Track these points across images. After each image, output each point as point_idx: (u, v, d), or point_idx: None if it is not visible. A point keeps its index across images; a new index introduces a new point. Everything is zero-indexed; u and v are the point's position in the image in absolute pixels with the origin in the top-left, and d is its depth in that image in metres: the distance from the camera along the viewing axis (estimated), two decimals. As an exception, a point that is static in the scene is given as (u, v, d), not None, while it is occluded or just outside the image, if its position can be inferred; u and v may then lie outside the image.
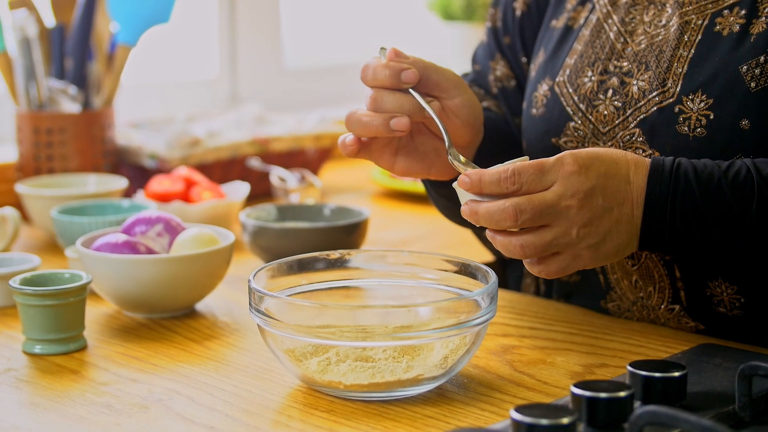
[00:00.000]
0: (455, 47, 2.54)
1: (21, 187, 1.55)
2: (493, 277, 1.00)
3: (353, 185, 1.97)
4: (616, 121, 1.12)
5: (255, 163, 1.80)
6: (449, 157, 1.05)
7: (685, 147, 1.07)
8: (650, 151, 1.09)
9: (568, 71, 1.16)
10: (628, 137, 1.11)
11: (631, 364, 0.90)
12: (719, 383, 0.94)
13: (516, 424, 0.80)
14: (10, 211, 1.42)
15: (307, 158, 1.90)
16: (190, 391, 1.00)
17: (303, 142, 1.88)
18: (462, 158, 1.05)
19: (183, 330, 1.17)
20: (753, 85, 1.05)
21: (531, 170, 0.97)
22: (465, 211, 0.99)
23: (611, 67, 1.14)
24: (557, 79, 1.17)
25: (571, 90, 1.16)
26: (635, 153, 1.07)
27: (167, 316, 1.21)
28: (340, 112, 2.31)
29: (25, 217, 1.63)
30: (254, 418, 0.94)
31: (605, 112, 1.13)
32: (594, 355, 1.08)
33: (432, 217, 1.77)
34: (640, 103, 1.10)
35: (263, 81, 2.32)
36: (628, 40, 1.14)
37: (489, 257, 1.49)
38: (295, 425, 0.93)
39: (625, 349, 1.09)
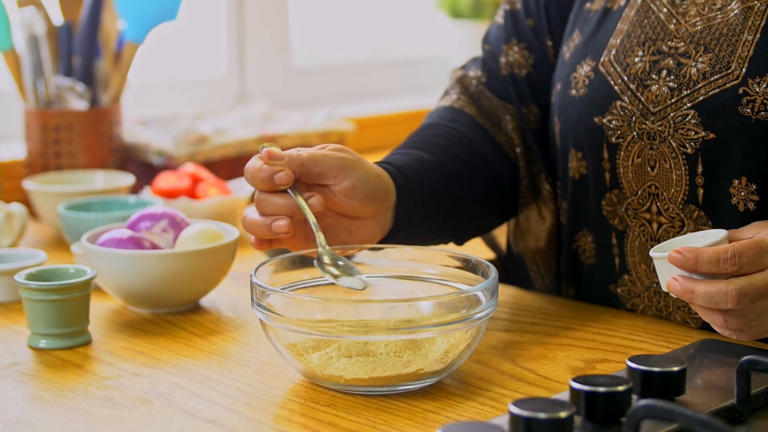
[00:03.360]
0: (463, 45, 2.55)
1: (29, 184, 1.56)
2: (493, 272, 1.01)
3: (360, 182, 1.97)
4: (669, 102, 1.12)
5: (262, 160, 1.80)
6: (315, 263, 1.03)
7: (746, 130, 1.08)
8: (703, 134, 1.10)
9: (614, 51, 1.16)
10: (680, 118, 1.11)
11: (630, 359, 0.91)
12: (719, 378, 0.94)
13: (514, 417, 0.80)
14: (17, 208, 1.43)
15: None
16: (193, 385, 1.00)
17: (310, 140, 1.89)
18: (332, 269, 1.03)
19: (187, 325, 1.18)
20: None
21: (751, 251, 0.97)
22: (676, 287, 0.99)
23: (665, 48, 1.14)
24: (602, 59, 1.17)
25: (619, 69, 1.16)
26: (686, 134, 1.09)
27: (172, 312, 1.21)
28: (347, 109, 2.32)
29: (32, 214, 1.64)
30: (256, 411, 0.95)
31: (658, 93, 1.13)
32: (595, 350, 1.08)
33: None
34: (699, 85, 1.10)
35: (271, 79, 2.32)
36: (681, 20, 1.14)
37: (490, 253, 1.49)
38: (297, 419, 0.93)
39: (626, 344, 1.10)
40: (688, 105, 1.11)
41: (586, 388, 0.85)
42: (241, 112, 1.98)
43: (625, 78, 1.15)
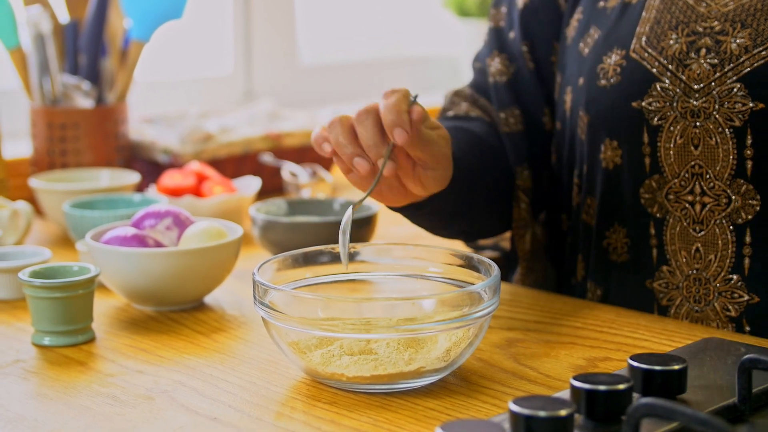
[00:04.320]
0: (470, 44, 2.55)
1: (34, 182, 1.57)
2: (495, 270, 1.01)
3: (366, 181, 1.98)
4: (712, 77, 1.13)
5: (267, 158, 1.81)
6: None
7: None
8: (752, 104, 1.11)
9: (644, 38, 1.18)
10: (726, 92, 1.13)
11: (631, 358, 0.91)
12: (720, 377, 0.94)
13: (514, 416, 0.81)
14: (22, 205, 1.44)
15: (319, 154, 1.90)
16: (195, 382, 1.01)
17: (315, 138, 1.89)
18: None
19: (191, 323, 1.18)
20: None
21: None
22: None
23: (699, 28, 1.16)
24: (632, 47, 1.19)
25: (654, 53, 1.17)
26: (732, 107, 1.12)
27: (176, 309, 1.22)
28: (353, 108, 2.32)
29: (38, 211, 1.65)
30: (258, 409, 0.95)
31: (699, 70, 1.14)
32: (598, 348, 1.08)
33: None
34: (743, 58, 1.12)
35: (278, 77, 2.33)
36: (711, 3, 1.17)
37: (493, 253, 1.49)
38: (298, 416, 0.93)
39: (629, 342, 1.10)
40: (734, 78, 1.13)
41: (586, 386, 0.85)
42: (247, 111, 1.98)
43: (663, 60, 1.16)
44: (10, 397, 0.99)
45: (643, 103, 1.17)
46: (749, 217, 1.13)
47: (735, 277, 1.14)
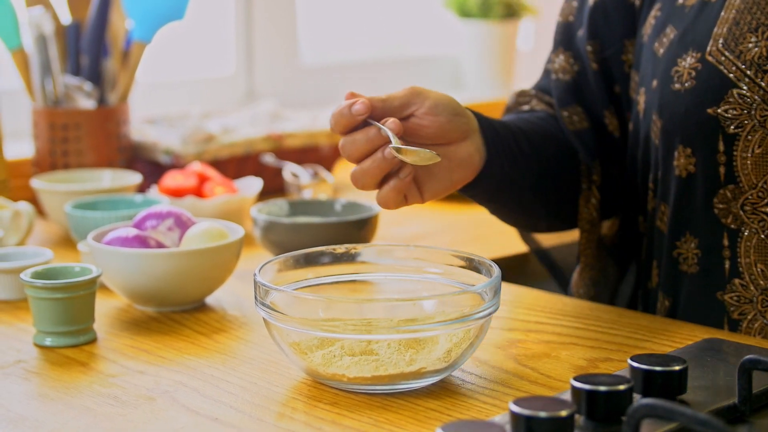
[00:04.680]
0: (471, 45, 2.55)
1: (36, 182, 1.57)
2: (496, 271, 1.01)
3: (367, 181, 1.98)
4: None
5: (269, 159, 1.81)
6: (390, 151, 1.03)
7: None
8: None
9: (721, 40, 1.13)
10: None
11: (632, 358, 0.91)
12: (721, 378, 0.94)
13: (515, 416, 0.81)
14: (24, 206, 1.44)
15: (321, 154, 1.91)
16: (196, 383, 1.01)
17: (317, 139, 1.89)
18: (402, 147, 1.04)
19: (192, 323, 1.18)
20: None
21: None
22: None
23: None
24: (708, 49, 1.14)
25: (731, 57, 1.12)
26: None
27: (177, 310, 1.22)
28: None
29: (40, 212, 1.65)
30: (259, 410, 0.95)
31: None
32: (599, 349, 1.08)
33: (443, 213, 1.78)
34: None
35: (279, 78, 2.33)
36: None
37: (494, 254, 1.49)
38: (299, 417, 0.93)
39: (630, 343, 1.10)
40: None
41: (587, 386, 0.85)
42: (249, 111, 1.99)
43: (741, 65, 1.11)
44: (12, 397, 0.99)
45: (719, 110, 1.12)
46: None
47: None
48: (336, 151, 1.93)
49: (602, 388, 0.84)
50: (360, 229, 1.38)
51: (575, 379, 0.86)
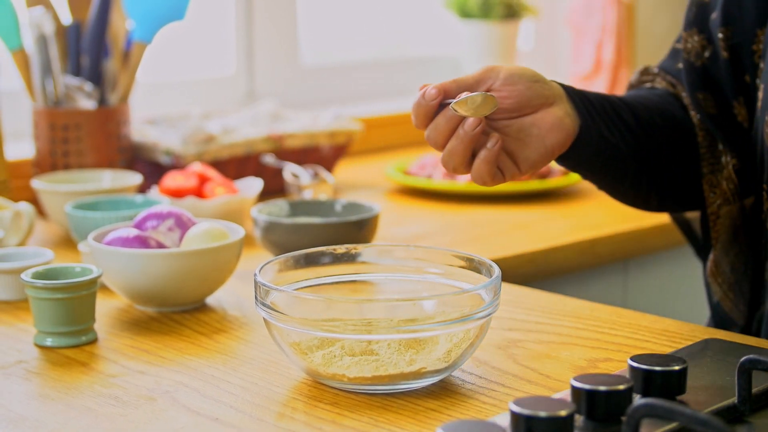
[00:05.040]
0: (472, 45, 2.55)
1: (37, 183, 1.57)
2: (496, 271, 1.01)
3: (367, 182, 1.98)
4: None
5: (269, 159, 1.81)
6: (450, 108, 1.04)
7: None
8: None
9: None
10: None
11: (632, 358, 0.91)
12: (720, 377, 0.95)
13: (515, 416, 0.81)
14: (25, 206, 1.44)
15: (321, 155, 1.91)
16: (197, 383, 1.01)
17: (317, 139, 1.89)
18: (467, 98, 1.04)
19: (192, 324, 1.18)
20: None
21: None
22: None
23: None
24: None
25: None
26: None
27: (178, 310, 1.22)
28: (355, 109, 2.32)
29: (40, 213, 1.65)
30: (259, 410, 0.95)
31: None
32: (599, 349, 1.08)
33: (444, 213, 1.78)
34: None
35: (279, 78, 2.33)
36: None
37: (494, 254, 1.50)
38: (300, 417, 0.94)
39: (630, 343, 1.10)
40: None
41: (586, 386, 0.85)
42: (249, 112, 1.99)
43: None
44: (12, 397, 0.99)
45: None
46: None
47: None
48: (336, 152, 1.93)
49: (602, 388, 0.85)
50: (360, 229, 1.39)
51: (575, 379, 0.86)
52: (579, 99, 1.13)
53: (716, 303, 1.26)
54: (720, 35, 1.21)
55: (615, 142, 1.16)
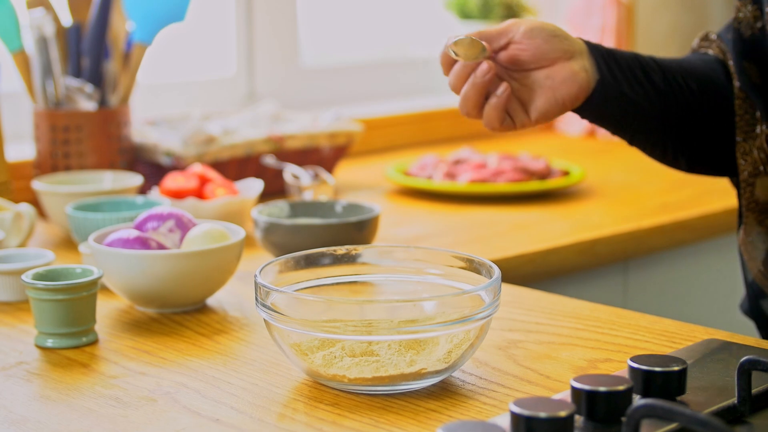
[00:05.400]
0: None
1: (38, 184, 1.57)
2: (496, 272, 1.01)
3: (367, 183, 1.99)
4: None
5: (270, 160, 1.81)
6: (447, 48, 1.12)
7: None
8: None
9: None
10: None
11: (631, 359, 0.91)
12: (720, 378, 0.95)
13: (515, 417, 0.81)
14: (26, 208, 1.44)
15: (322, 156, 1.91)
16: (198, 384, 1.01)
17: (318, 140, 1.89)
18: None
19: (193, 324, 1.18)
20: None
21: None
22: None
23: None
24: None
25: None
26: None
27: (178, 311, 1.22)
28: (355, 110, 2.33)
29: (41, 214, 1.65)
30: (260, 410, 0.95)
31: None
32: (599, 350, 1.08)
33: (444, 214, 1.78)
34: None
35: (280, 79, 2.33)
36: None
37: (494, 255, 1.50)
38: (300, 418, 0.94)
39: (630, 344, 1.10)
40: None
41: (586, 387, 0.85)
42: (250, 113, 1.99)
43: None
44: (14, 398, 0.99)
45: None
46: None
47: None
48: (336, 153, 1.94)
49: (602, 388, 0.85)
50: (360, 230, 1.39)
51: (575, 379, 0.86)
52: (603, 56, 1.16)
53: (751, 281, 1.28)
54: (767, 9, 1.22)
55: (637, 100, 1.19)
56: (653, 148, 1.26)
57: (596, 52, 1.16)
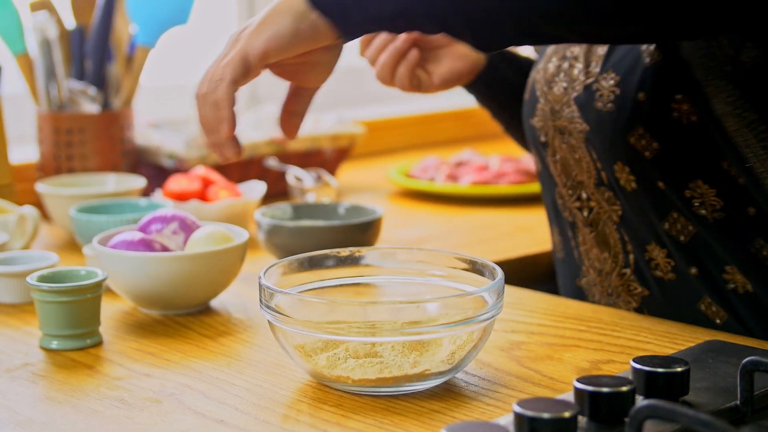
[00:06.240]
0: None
1: (41, 186, 1.58)
2: (499, 273, 1.02)
3: (370, 185, 1.99)
4: (563, 100, 1.22)
5: (272, 162, 1.82)
6: None
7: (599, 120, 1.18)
8: (583, 125, 1.19)
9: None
10: (570, 114, 1.21)
11: (634, 360, 0.91)
12: (723, 379, 0.95)
13: (518, 417, 0.81)
14: (29, 210, 1.44)
15: (324, 158, 1.91)
16: (202, 385, 1.02)
17: (320, 142, 1.90)
18: None
19: (197, 326, 1.19)
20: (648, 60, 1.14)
21: None
22: None
23: (567, 54, 1.24)
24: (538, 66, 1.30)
25: (539, 76, 1.28)
26: (574, 126, 1.21)
27: (182, 313, 1.23)
28: (357, 112, 2.33)
29: (45, 216, 1.66)
30: (264, 412, 0.96)
31: (557, 92, 1.23)
32: (601, 351, 1.09)
33: (446, 216, 1.78)
34: (575, 83, 1.21)
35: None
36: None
37: (497, 256, 1.50)
38: (305, 419, 0.94)
39: (632, 345, 1.10)
40: (571, 101, 1.21)
41: (590, 388, 0.85)
42: (252, 115, 1.99)
43: (542, 83, 1.27)
44: (19, 400, 0.99)
45: (532, 121, 1.28)
46: (618, 219, 1.19)
47: (627, 271, 1.20)
48: (339, 155, 1.94)
49: (605, 389, 0.85)
50: (363, 232, 1.39)
51: (578, 380, 0.86)
52: None
53: None
54: None
55: (517, 86, 1.39)
56: (524, 138, 1.42)
57: None
